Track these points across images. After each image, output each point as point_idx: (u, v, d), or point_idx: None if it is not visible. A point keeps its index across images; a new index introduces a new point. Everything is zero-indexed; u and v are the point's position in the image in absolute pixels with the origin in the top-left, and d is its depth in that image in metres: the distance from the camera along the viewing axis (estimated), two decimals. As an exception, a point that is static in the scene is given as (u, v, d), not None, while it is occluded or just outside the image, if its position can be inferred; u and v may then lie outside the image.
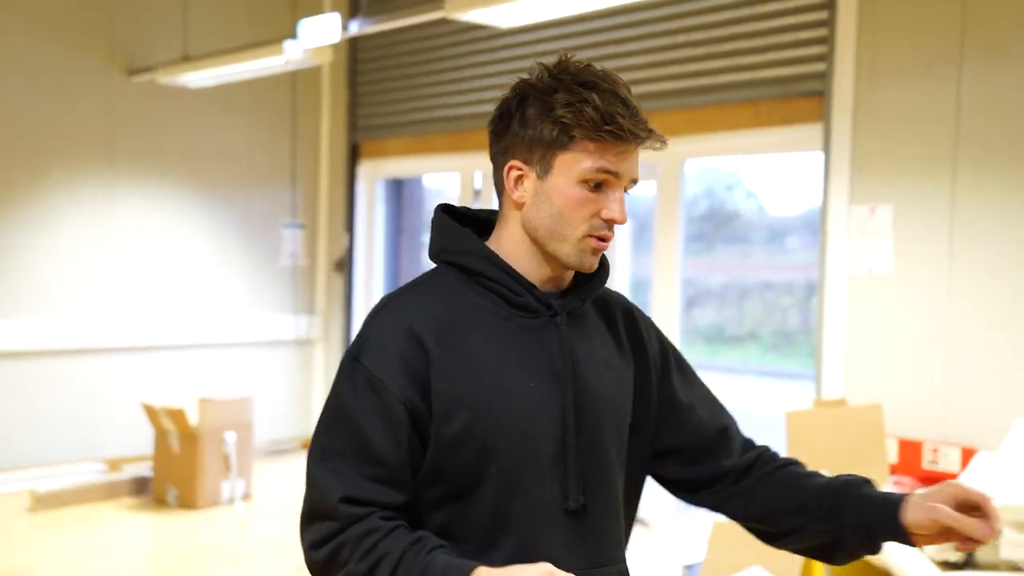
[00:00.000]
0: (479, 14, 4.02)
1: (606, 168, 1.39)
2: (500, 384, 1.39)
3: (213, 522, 5.21)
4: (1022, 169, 3.85)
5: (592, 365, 1.47)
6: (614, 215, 1.41)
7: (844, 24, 4.31)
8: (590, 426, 1.45)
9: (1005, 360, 3.89)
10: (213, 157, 6.46)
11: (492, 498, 1.39)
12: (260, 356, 6.72)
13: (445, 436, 1.37)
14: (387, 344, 1.39)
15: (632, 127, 1.38)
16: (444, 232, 1.49)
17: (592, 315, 1.53)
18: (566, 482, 1.42)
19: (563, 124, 1.39)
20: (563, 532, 1.42)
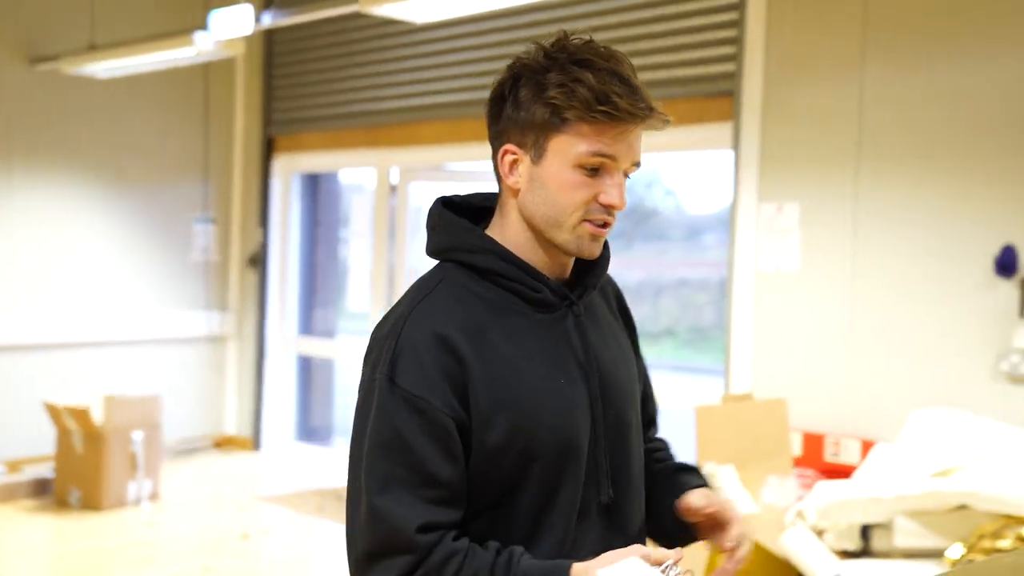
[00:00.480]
0: (393, 8, 4.00)
1: (601, 151, 1.32)
2: (532, 385, 1.34)
3: (118, 524, 5.09)
4: (921, 167, 3.98)
5: (607, 353, 1.44)
6: (612, 200, 1.34)
7: (753, 26, 4.40)
8: (615, 416, 1.42)
9: (903, 355, 4.01)
10: (122, 150, 6.31)
11: (533, 500, 1.35)
12: (170, 353, 6.58)
13: (487, 445, 1.32)
14: (423, 358, 1.31)
15: (629, 106, 1.30)
16: (448, 229, 1.42)
17: (596, 300, 1.49)
18: (597, 475, 1.39)
19: (554, 105, 1.31)
20: (599, 527, 1.40)
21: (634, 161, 1.36)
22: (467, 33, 5.48)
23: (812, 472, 4.07)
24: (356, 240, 6.59)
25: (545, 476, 1.34)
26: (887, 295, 4.06)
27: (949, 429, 3.64)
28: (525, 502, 1.35)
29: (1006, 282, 3.74)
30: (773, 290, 4.38)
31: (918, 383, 3.96)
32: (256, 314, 6.76)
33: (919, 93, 3.97)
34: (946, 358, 3.89)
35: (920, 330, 3.97)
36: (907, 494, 3.36)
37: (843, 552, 3.51)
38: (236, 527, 5.08)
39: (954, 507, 3.35)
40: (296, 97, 6.54)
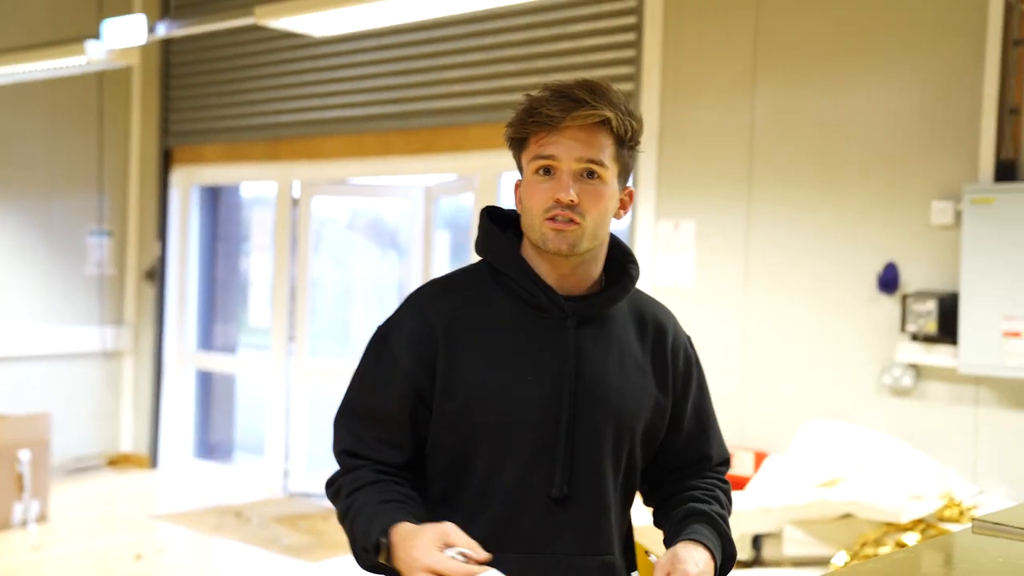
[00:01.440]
0: (290, 22, 3.97)
1: (540, 154, 1.52)
2: (497, 374, 1.53)
3: (3, 547, 4.91)
4: (809, 188, 4.11)
5: (603, 368, 1.56)
6: (557, 194, 1.51)
7: (650, 47, 4.49)
8: (588, 423, 1.55)
9: (795, 368, 4.13)
10: (10, 159, 6.10)
11: (480, 474, 1.53)
12: (63, 369, 6.39)
13: (445, 413, 1.54)
14: (407, 326, 1.57)
15: (555, 111, 1.49)
16: (483, 232, 1.63)
17: (623, 322, 1.62)
18: (554, 471, 1.52)
19: (508, 131, 1.57)
20: (547, 517, 1.53)
21: (583, 158, 1.51)
22: (367, 48, 5.47)
23: (707, 484, 4.15)
24: (257, 254, 6.50)
25: (491, 454, 1.53)
26: (778, 311, 4.18)
27: (836, 441, 3.76)
28: (474, 474, 1.54)
29: (888, 298, 3.88)
30: (671, 306, 4.44)
31: (807, 396, 4.08)
32: (154, 329, 6.60)
33: (807, 115, 4.11)
34: (833, 372, 4.02)
35: (809, 345, 4.09)
36: (795, 504, 3.47)
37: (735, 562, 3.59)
38: (129, 547, 4.95)
39: (839, 516, 3.47)
40: (195, 108, 6.42)
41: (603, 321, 1.58)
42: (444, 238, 5.90)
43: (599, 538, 1.57)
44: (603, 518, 1.57)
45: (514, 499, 1.52)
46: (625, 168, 1.57)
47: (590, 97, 1.49)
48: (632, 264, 1.63)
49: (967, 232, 3.61)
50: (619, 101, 1.53)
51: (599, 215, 1.52)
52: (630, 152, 1.57)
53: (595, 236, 1.53)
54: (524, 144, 1.55)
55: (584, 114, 1.49)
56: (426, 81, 5.23)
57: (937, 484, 3.49)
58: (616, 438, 1.57)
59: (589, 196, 1.51)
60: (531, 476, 1.52)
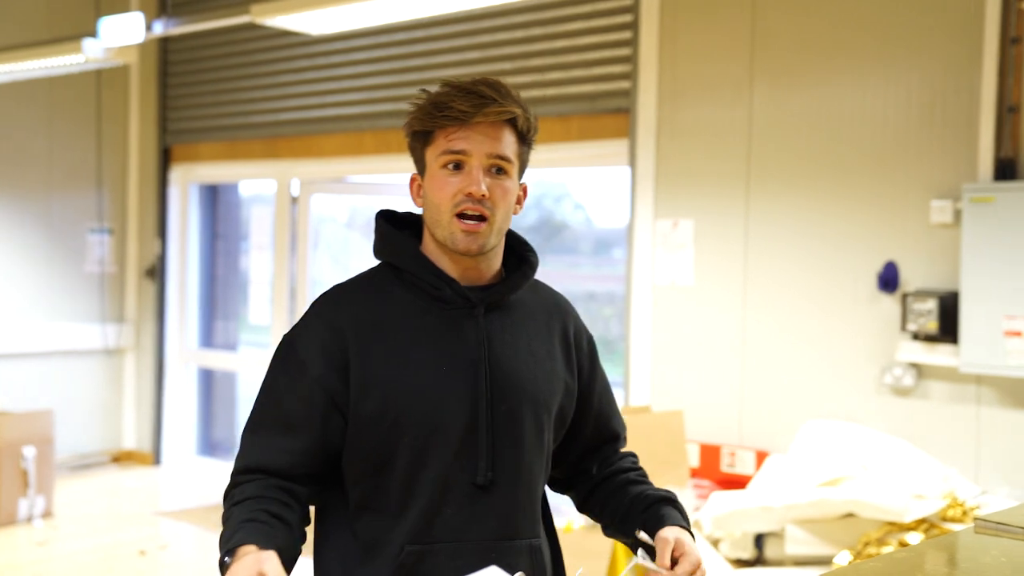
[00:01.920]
0: (286, 20, 3.97)
1: (450, 149, 1.53)
2: (412, 368, 1.53)
3: (8, 542, 4.94)
4: (808, 186, 4.11)
5: (513, 353, 1.59)
6: (470, 187, 1.52)
7: (647, 46, 4.48)
8: (505, 409, 1.56)
9: (795, 367, 4.14)
10: (8, 157, 6.10)
11: (403, 469, 1.53)
12: (65, 367, 6.40)
13: (362, 413, 1.52)
14: (315, 332, 1.56)
15: (466, 106, 1.51)
16: (381, 234, 1.64)
17: (528, 308, 1.65)
18: (475, 458, 1.54)
19: (410, 123, 1.57)
20: (471, 505, 1.54)
21: (492, 153, 1.54)
22: (364, 46, 5.45)
23: (709, 483, 4.17)
24: (257, 252, 6.50)
25: (413, 448, 1.53)
26: (777, 310, 4.18)
27: (837, 440, 3.77)
28: (397, 472, 1.53)
29: (888, 297, 3.88)
30: (670, 304, 4.47)
31: (808, 395, 4.08)
32: (155, 326, 6.61)
33: (805, 113, 4.10)
34: (834, 371, 4.03)
35: (809, 344, 4.10)
36: (796, 503, 3.47)
37: (737, 561, 3.60)
38: (133, 544, 4.98)
39: (842, 515, 3.47)
40: (193, 107, 6.41)
41: (508, 309, 1.62)
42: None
43: (525, 522, 1.60)
44: (527, 502, 1.60)
45: (439, 491, 1.53)
46: (524, 164, 1.62)
47: (497, 95, 1.53)
48: (530, 252, 1.67)
49: (967, 231, 3.61)
50: (520, 99, 1.58)
51: (506, 209, 1.56)
52: (528, 148, 1.62)
53: (500, 231, 1.57)
54: (430, 139, 1.55)
55: (495, 111, 1.52)
56: (423, 79, 5.22)
57: (940, 484, 3.50)
58: (535, 421, 1.60)
59: (497, 191, 1.54)
60: (455, 466, 1.53)
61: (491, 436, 1.55)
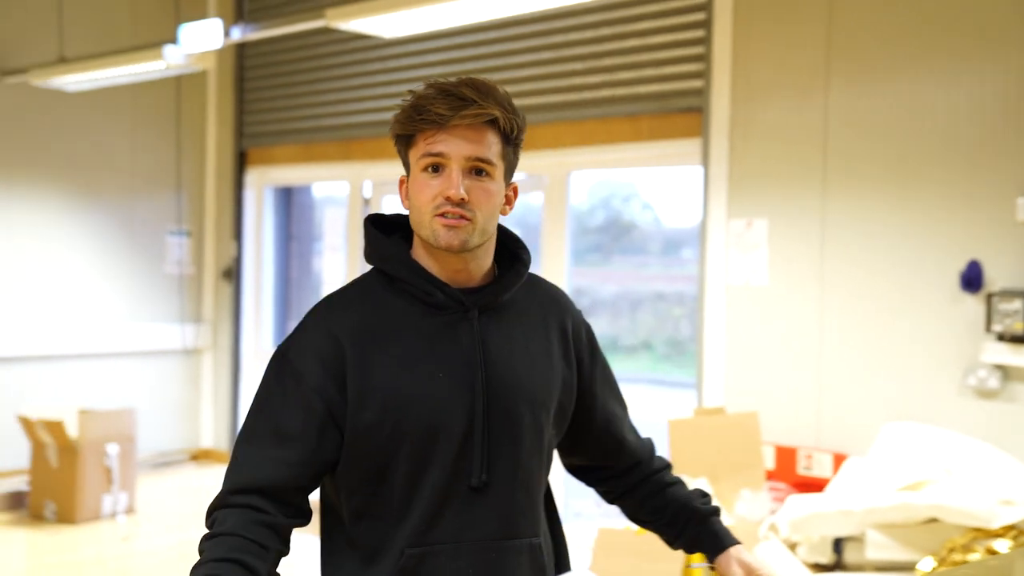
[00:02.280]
0: (360, 24, 4.01)
1: (429, 152, 1.53)
2: (409, 374, 1.53)
3: (93, 537, 5.08)
4: (887, 184, 4.03)
5: (509, 354, 1.59)
6: (447, 191, 1.52)
7: (720, 44, 4.43)
8: (502, 410, 1.56)
9: (873, 368, 4.06)
10: (94, 163, 6.27)
11: (403, 476, 1.53)
12: (145, 366, 6.56)
13: (360, 422, 1.51)
14: (310, 343, 1.55)
15: (443, 110, 1.50)
16: (370, 240, 1.63)
17: (523, 307, 1.64)
18: (471, 461, 1.54)
19: (392, 127, 1.57)
20: (470, 506, 1.54)
21: (471, 156, 1.53)
22: (437, 48, 5.49)
23: (785, 485, 4.11)
24: (330, 253, 6.59)
25: (413, 456, 1.53)
26: (856, 310, 4.11)
27: (919, 443, 3.69)
28: (397, 479, 1.53)
29: (972, 297, 3.79)
30: (744, 305, 4.42)
31: (888, 397, 4.00)
32: (231, 326, 6.74)
33: (884, 111, 4.02)
34: (915, 372, 3.94)
35: (889, 344, 4.02)
36: (877, 507, 3.41)
37: (816, 565, 3.55)
38: (212, 542, 5.08)
39: (925, 520, 3.40)
40: (268, 111, 6.52)
41: (502, 309, 1.61)
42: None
43: (523, 521, 1.60)
44: (525, 501, 1.60)
45: (439, 494, 1.53)
46: (511, 165, 1.61)
47: (477, 96, 1.52)
48: (523, 250, 1.66)
49: (1055, 229, 3.50)
50: (504, 99, 1.56)
51: (489, 211, 1.55)
52: (515, 149, 1.60)
53: (484, 232, 1.56)
54: (411, 141, 1.56)
55: (472, 113, 1.51)
56: (496, 81, 5.23)
57: (1026, 488, 3.40)
58: (534, 421, 1.60)
59: (478, 193, 1.53)
60: (454, 470, 1.54)
61: (487, 438, 1.55)
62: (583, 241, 5.82)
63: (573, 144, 5.02)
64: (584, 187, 5.83)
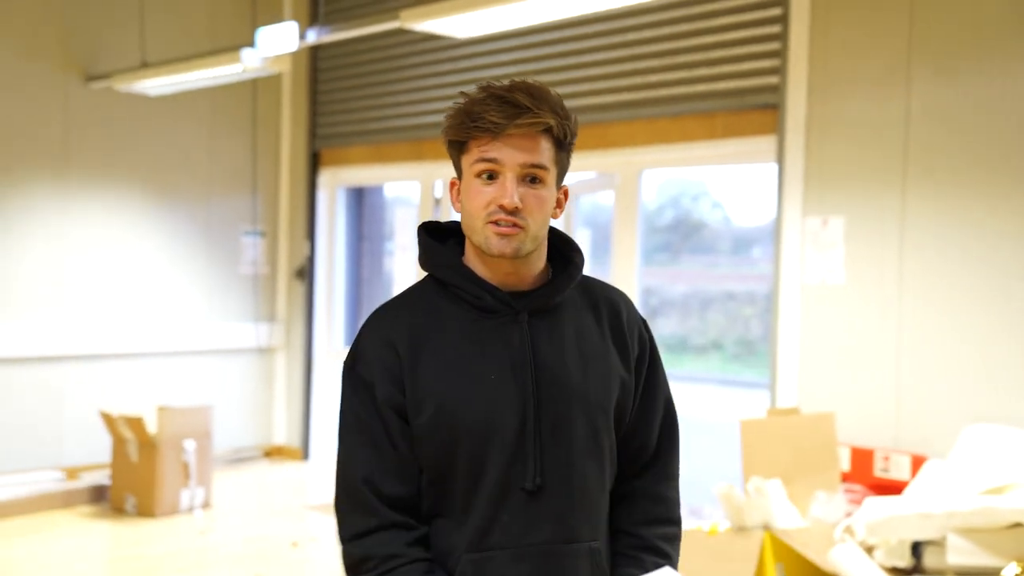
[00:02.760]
0: (434, 24, 4.04)
1: (483, 158, 1.53)
2: (462, 379, 1.55)
3: (172, 530, 5.19)
4: (970, 180, 3.94)
5: (561, 356, 1.59)
6: (501, 200, 1.52)
7: (796, 38, 4.38)
8: (554, 412, 1.57)
9: (954, 369, 3.97)
10: (173, 165, 6.42)
11: (463, 477, 1.55)
12: (221, 364, 6.69)
13: (419, 426, 1.55)
14: (372, 353, 1.58)
15: (498, 117, 1.50)
16: (423, 248, 1.65)
17: (577, 308, 1.64)
18: (525, 463, 1.55)
19: (446, 132, 1.57)
20: (526, 510, 1.55)
21: (526, 163, 1.53)
22: (508, 48, 5.51)
23: (861, 488, 4.04)
24: (400, 253, 6.65)
25: (470, 459, 1.54)
26: (935, 309, 4.02)
27: (1002, 445, 3.60)
28: (457, 481, 1.55)
29: (1058, 296, 3.68)
30: (819, 304, 4.35)
31: (969, 398, 3.91)
32: (304, 325, 6.84)
33: (967, 106, 3.93)
34: (997, 373, 3.84)
35: (971, 345, 3.92)
36: (958, 511, 3.33)
37: (893, 569, 3.48)
38: (286, 535, 5.16)
39: (1008, 525, 3.31)
40: (341, 112, 6.61)
41: (555, 311, 1.61)
42: (585, 236, 5.90)
43: (582, 526, 1.58)
44: (584, 505, 1.59)
45: (496, 497, 1.54)
46: (563, 170, 1.61)
47: (531, 103, 1.51)
48: (575, 252, 1.66)
49: None
50: (558, 104, 1.56)
51: (541, 218, 1.56)
52: (567, 154, 1.61)
53: (536, 238, 1.57)
54: (464, 147, 1.56)
55: (528, 122, 1.51)
56: (568, 79, 5.24)
57: (1115, 493, 3.29)
58: (588, 423, 1.59)
59: (532, 200, 1.54)
60: (508, 473, 1.54)
61: (539, 441, 1.55)
62: (652, 240, 5.79)
63: (645, 142, 5.00)
64: (653, 186, 5.80)
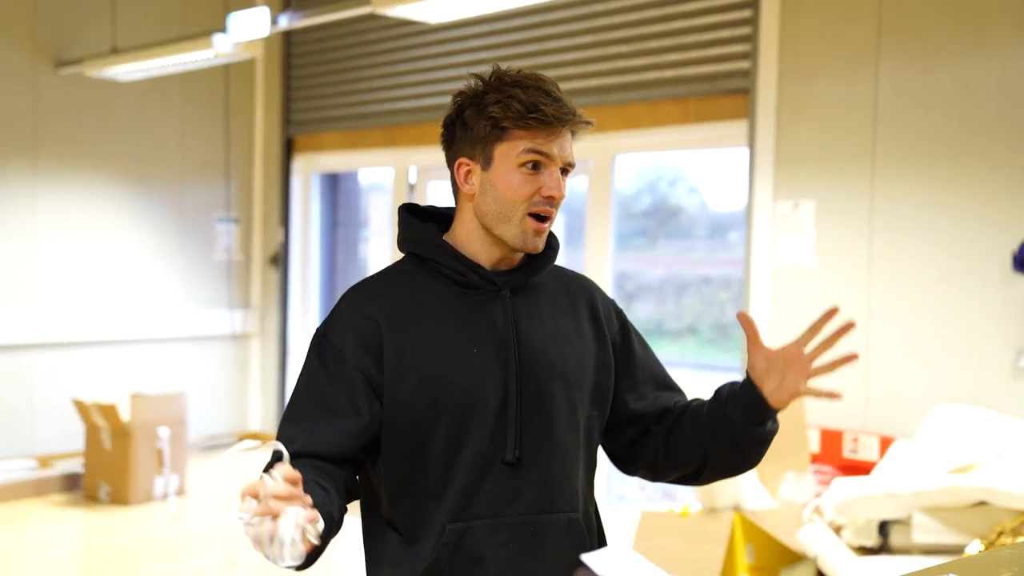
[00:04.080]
0: (405, 9, 4.04)
1: (537, 149, 1.57)
2: (444, 352, 1.58)
3: (146, 518, 5.18)
4: (938, 162, 3.98)
5: (541, 333, 1.63)
6: (552, 191, 1.57)
7: (767, 23, 4.40)
8: (535, 386, 1.60)
9: (922, 351, 4.01)
10: (145, 151, 6.38)
11: (441, 452, 1.57)
12: (195, 351, 6.67)
13: (398, 397, 1.57)
14: (347, 323, 1.60)
15: (556, 112, 1.55)
16: (405, 227, 1.68)
17: (552, 291, 1.69)
18: (505, 436, 1.58)
19: (494, 118, 1.57)
20: (506, 481, 1.58)
21: (566, 161, 1.60)
22: (481, 33, 5.51)
23: (830, 469, 4.08)
24: (376, 239, 6.64)
25: (450, 431, 1.57)
26: (904, 291, 4.06)
27: (968, 426, 3.65)
28: (435, 455, 1.57)
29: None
30: (790, 287, 4.39)
31: (936, 380, 3.96)
32: (279, 312, 6.83)
33: (935, 90, 3.96)
34: (964, 354, 3.89)
35: (938, 326, 3.97)
36: (924, 490, 3.37)
37: (861, 548, 3.52)
38: (261, 523, 5.15)
39: (973, 503, 3.36)
40: (315, 98, 6.59)
41: (533, 292, 1.66)
42: (558, 222, 5.90)
43: (560, 496, 1.62)
44: (563, 476, 1.62)
45: (476, 469, 1.57)
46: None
47: (569, 103, 1.59)
48: (551, 236, 1.69)
49: (1110, 208, 3.44)
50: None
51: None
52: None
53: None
54: (506, 134, 1.57)
55: (581, 122, 1.59)
56: (539, 64, 5.24)
57: (1077, 472, 3.35)
58: (567, 398, 1.63)
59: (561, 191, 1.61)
60: (488, 445, 1.57)
61: (520, 414, 1.58)
62: (629, 225, 5.80)
63: (618, 128, 5.01)
64: (630, 171, 5.80)
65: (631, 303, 7.99)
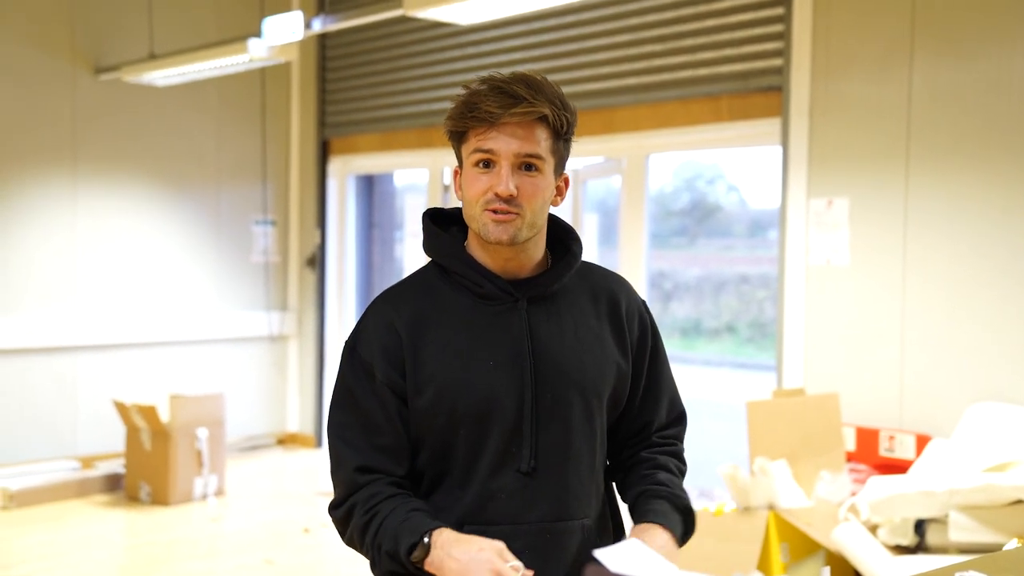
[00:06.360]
0: (438, 12, 4.06)
1: (480, 148, 1.58)
2: (461, 363, 1.60)
3: (185, 518, 5.25)
4: (972, 159, 3.93)
5: (559, 342, 1.64)
6: (496, 188, 1.57)
7: (800, 20, 4.37)
8: (551, 396, 1.62)
9: (958, 349, 3.97)
10: (182, 155, 6.47)
11: (460, 460, 1.61)
12: (233, 353, 6.74)
13: (419, 407, 1.60)
14: (372, 336, 1.63)
15: (493, 108, 1.55)
16: (427, 235, 1.70)
17: (575, 295, 1.69)
18: (520, 446, 1.61)
19: (446, 123, 1.63)
20: (522, 489, 1.61)
21: (521, 153, 1.57)
22: (513, 34, 5.53)
23: (866, 467, 4.05)
24: (411, 240, 6.67)
25: (469, 440, 1.61)
26: (939, 289, 4.02)
27: (1004, 424, 3.60)
28: (456, 463, 1.62)
29: (1062, 274, 3.68)
30: (824, 285, 4.36)
31: (973, 378, 3.91)
32: (316, 314, 6.89)
33: (970, 85, 3.92)
34: (1000, 352, 3.84)
35: (974, 324, 3.92)
36: (960, 488, 3.34)
37: (897, 547, 3.49)
38: (297, 522, 5.21)
39: (1010, 502, 3.32)
40: (350, 100, 6.64)
41: (553, 299, 1.66)
42: (592, 221, 5.90)
43: (575, 504, 1.64)
44: (578, 484, 1.65)
45: (491, 478, 1.60)
46: (561, 159, 1.65)
47: (528, 93, 1.56)
48: (574, 241, 1.71)
49: None
50: (555, 96, 1.60)
51: (538, 205, 1.60)
52: (566, 143, 1.64)
53: (533, 225, 1.61)
54: (464, 137, 1.60)
55: (522, 111, 1.56)
56: (572, 64, 5.25)
57: (1118, 470, 3.29)
58: (584, 406, 1.64)
59: (527, 188, 1.58)
60: (505, 455, 1.60)
61: (536, 424, 1.61)
62: (667, 224, 5.79)
63: (651, 127, 5.00)
64: (668, 169, 5.79)
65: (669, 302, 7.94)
